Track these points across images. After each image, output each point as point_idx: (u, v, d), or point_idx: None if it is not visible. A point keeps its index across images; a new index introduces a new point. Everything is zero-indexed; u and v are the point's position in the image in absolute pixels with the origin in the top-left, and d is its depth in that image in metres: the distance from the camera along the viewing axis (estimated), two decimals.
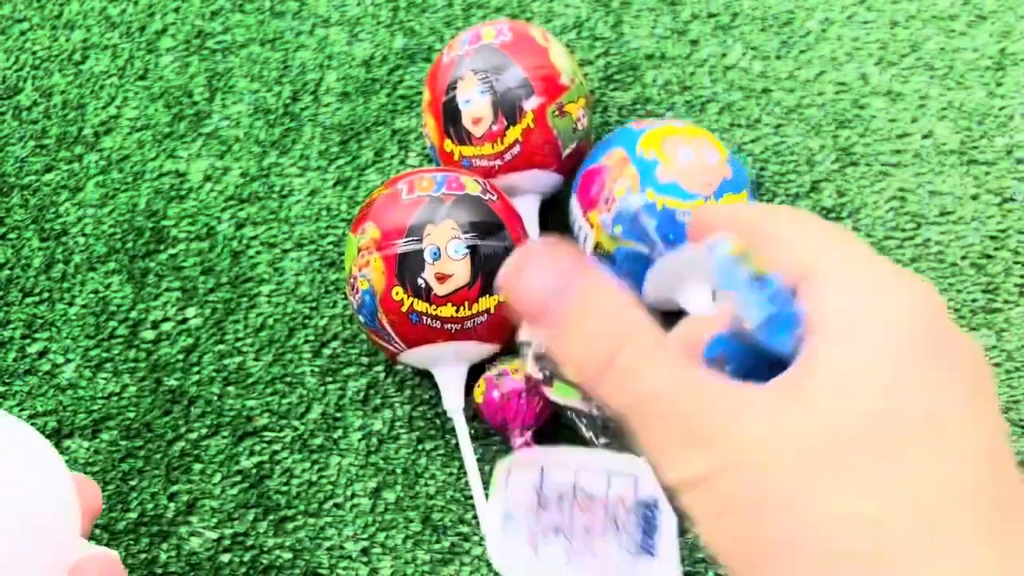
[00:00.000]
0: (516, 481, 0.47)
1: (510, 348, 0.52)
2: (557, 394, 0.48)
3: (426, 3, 0.67)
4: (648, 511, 0.46)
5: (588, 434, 0.49)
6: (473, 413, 0.52)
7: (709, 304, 0.49)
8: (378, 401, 0.53)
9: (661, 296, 0.50)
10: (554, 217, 0.57)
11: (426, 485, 0.51)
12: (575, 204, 0.53)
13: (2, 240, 0.60)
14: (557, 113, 0.53)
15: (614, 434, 0.49)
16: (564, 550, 0.45)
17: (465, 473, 0.51)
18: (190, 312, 0.56)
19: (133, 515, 0.51)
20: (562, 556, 0.45)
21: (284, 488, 0.51)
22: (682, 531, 0.47)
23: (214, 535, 0.50)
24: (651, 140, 0.50)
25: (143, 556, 0.50)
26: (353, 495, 0.51)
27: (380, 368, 0.54)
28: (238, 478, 0.51)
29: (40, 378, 0.55)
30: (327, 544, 0.49)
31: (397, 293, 0.47)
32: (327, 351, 0.55)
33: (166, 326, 0.56)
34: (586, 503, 0.47)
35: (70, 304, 0.57)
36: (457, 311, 0.47)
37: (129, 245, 0.59)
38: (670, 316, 0.26)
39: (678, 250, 0.46)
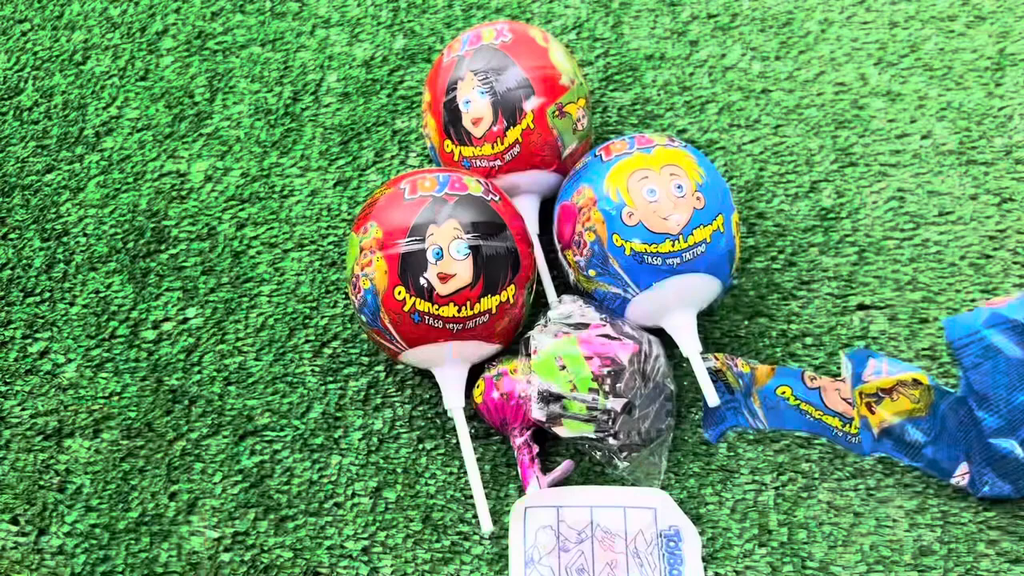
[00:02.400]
0: (533, 524, 0.47)
1: (511, 348, 0.52)
2: (570, 430, 0.48)
3: (426, 4, 0.67)
4: (671, 542, 0.47)
5: (604, 459, 0.50)
6: (473, 412, 0.52)
7: (693, 329, 0.50)
8: (378, 401, 0.53)
9: (645, 321, 0.51)
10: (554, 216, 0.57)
11: (426, 484, 0.51)
12: (556, 236, 0.53)
13: (3, 240, 0.60)
14: (557, 113, 0.53)
15: (631, 458, 0.49)
16: None
17: (465, 472, 0.51)
18: (191, 312, 0.57)
19: (134, 514, 0.51)
20: None
21: (285, 487, 0.51)
22: (706, 559, 0.48)
23: (215, 534, 0.50)
24: (617, 176, 0.49)
25: (144, 555, 0.50)
26: (354, 494, 0.51)
27: (380, 368, 0.54)
28: (239, 477, 0.52)
29: (41, 378, 0.55)
30: (328, 543, 0.50)
31: (399, 293, 0.47)
32: (328, 351, 0.55)
33: (167, 326, 0.56)
34: (606, 539, 0.47)
35: (71, 304, 0.57)
36: (459, 311, 0.47)
37: (130, 245, 0.59)
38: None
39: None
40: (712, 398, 0.50)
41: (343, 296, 0.57)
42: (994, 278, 0.55)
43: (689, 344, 0.50)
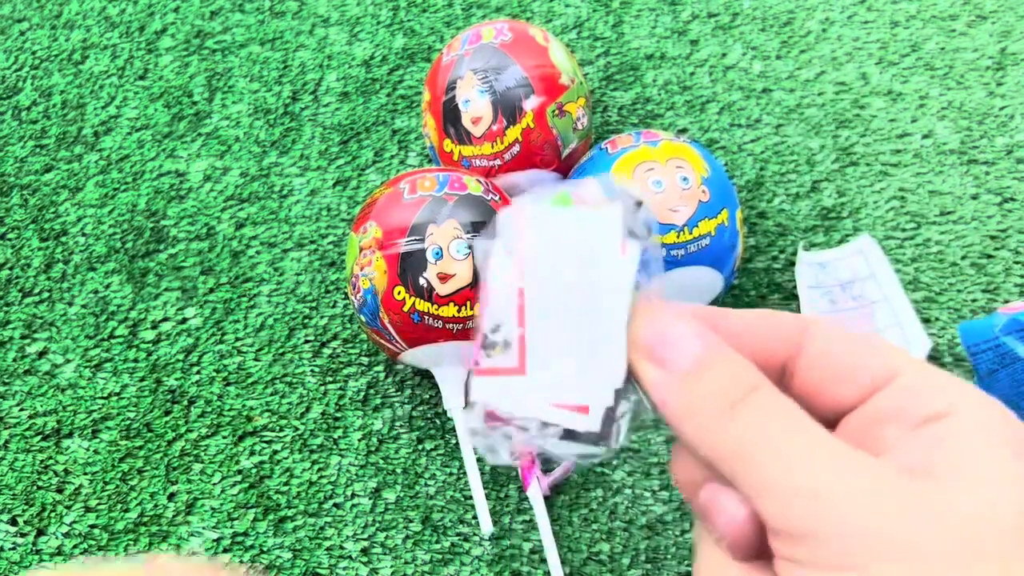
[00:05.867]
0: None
1: None
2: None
3: (426, 3, 0.67)
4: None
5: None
6: None
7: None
8: (378, 401, 0.53)
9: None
10: None
11: (426, 485, 0.51)
12: None
13: (2, 240, 0.60)
14: (557, 113, 0.53)
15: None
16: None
17: (465, 473, 0.51)
18: (190, 312, 0.56)
19: (133, 515, 0.51)
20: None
21: (284, 488, 0.51)
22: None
23: (214, 535, 0.50)
24: (623, 168, 0.49)
25: (143, 556, 0.50)
26: (353, 495, 0.51)
27: (380, 368, 0.54)
28: (238, 478, 0.51)
29: (40, 378, 0.55)
30: (327, 544, 0.49)
31: (399, 293, 0.47)
32: (327, 351, 0.55)
33: (166, 326, 0.56)
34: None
35: (70, 304, 0.57)
36: (459, 311, 0.47)
37: (129, 245, 0.59)
38: None
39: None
40: None
41: (343, 296, 0.57)
42: (995, 278, 0.55)
43: None
